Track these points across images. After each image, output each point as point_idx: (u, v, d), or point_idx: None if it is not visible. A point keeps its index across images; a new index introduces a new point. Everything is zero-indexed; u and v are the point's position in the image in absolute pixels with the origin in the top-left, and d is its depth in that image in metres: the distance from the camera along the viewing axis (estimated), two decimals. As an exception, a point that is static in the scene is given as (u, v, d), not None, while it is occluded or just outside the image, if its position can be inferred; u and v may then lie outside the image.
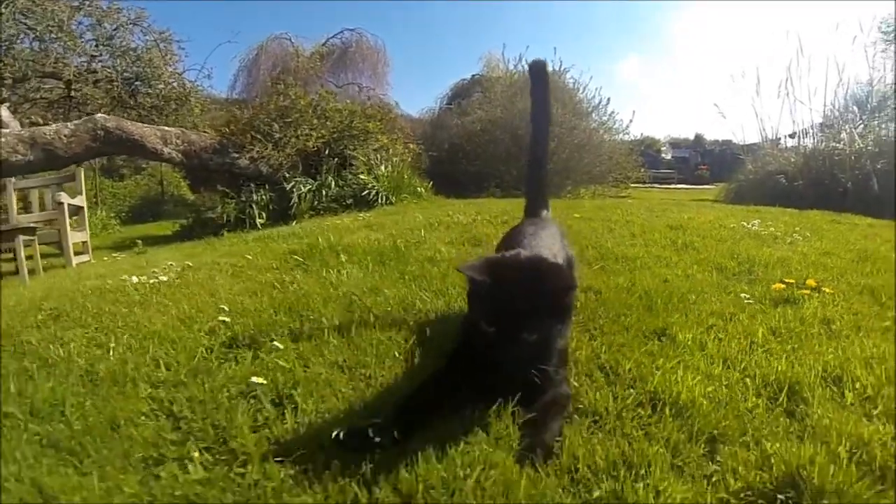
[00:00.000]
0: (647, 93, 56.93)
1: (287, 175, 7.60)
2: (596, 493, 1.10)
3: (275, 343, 1.89)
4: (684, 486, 1.11)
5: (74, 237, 6.21)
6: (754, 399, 1.47)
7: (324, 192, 7.34)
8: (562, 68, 12.64)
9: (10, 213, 6.49)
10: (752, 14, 59.27)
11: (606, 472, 1.16)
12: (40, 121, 10.63)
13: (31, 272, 5.46)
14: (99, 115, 8.18)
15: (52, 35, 10.33)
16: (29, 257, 6.00)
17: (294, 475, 1.19)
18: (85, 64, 11.22)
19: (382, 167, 7.87)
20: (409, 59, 28.91)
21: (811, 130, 10.78)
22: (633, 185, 13.42)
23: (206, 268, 3.40)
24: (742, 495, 1.10)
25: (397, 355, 1.82)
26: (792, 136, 11.37)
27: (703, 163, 32.11)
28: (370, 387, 1.62)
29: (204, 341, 1.99)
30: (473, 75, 16.99)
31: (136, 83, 11.31)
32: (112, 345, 2.00)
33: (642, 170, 14.37)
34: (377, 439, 1.26)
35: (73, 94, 11.30)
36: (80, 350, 2.00)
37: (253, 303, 2.44)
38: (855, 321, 2.16)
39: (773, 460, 1.19)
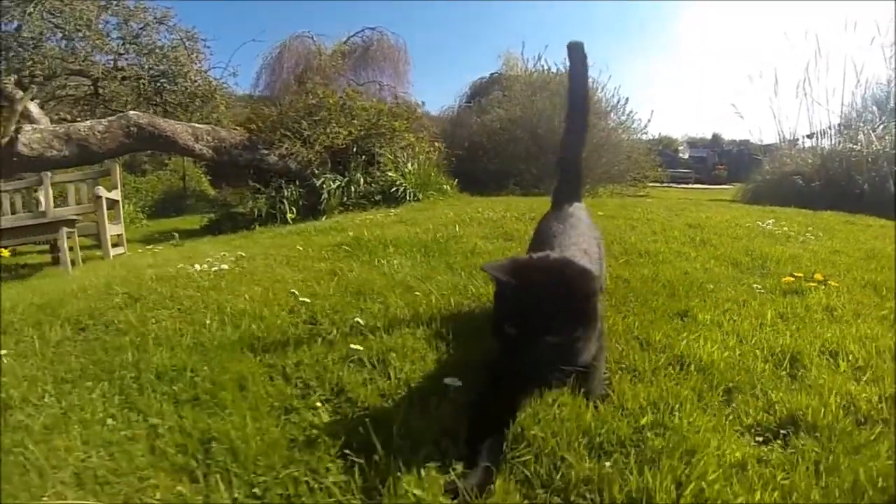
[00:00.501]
0: (665, 92, 56.87)
1: (316, 171, 7.94)
2: (642, 421, 1.43)
3: (357, 319, 2.22)
4: (708, 419, 1.44)
5: (111, 230, 6.47)
6: (762, 364, 1.80)
7: (352, 189, 7.70)
8: None
9: (46, 206, 6.77)
10: (770, 13, 59.09)
11: (649, 408, 1.50)
12: (68, 117, 11.07)
13: (72, 262, 5.79)
14: (132, 112, 8.61)
15: (81, 34, 10.66)
16: (70, 248, 6.41)
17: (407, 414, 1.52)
18: (111, 62, 11.54)
19: (409, 165, 8.23)
20: (427, 57, 29.27)
21: (829, 131, 10.92)
22: (650, 184, 13.58)
23: (260, 258, 3.71)
24: (752, 429, 1.44)
25: (465, 330, 2.13)
26: (810, 136, 11.44)
27: (720, 162, 32.04)
28: (448, 353, 1.95)
29: (287, 319, 2.33)
30: (492, 74, 17.22)
31: (162, 81, 11.60)
32: (207, 321, 2.34)
33: (660, 169, 14.52)
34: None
35: (99, 91, 11.69)
36: (175, 326, 2.33)
37: (321, 288, 2.75)
38: (855, 309, 2.47)
39: (776, 406, 1.52)
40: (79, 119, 10.68)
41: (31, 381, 1.82)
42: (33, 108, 9.16)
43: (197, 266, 3.39)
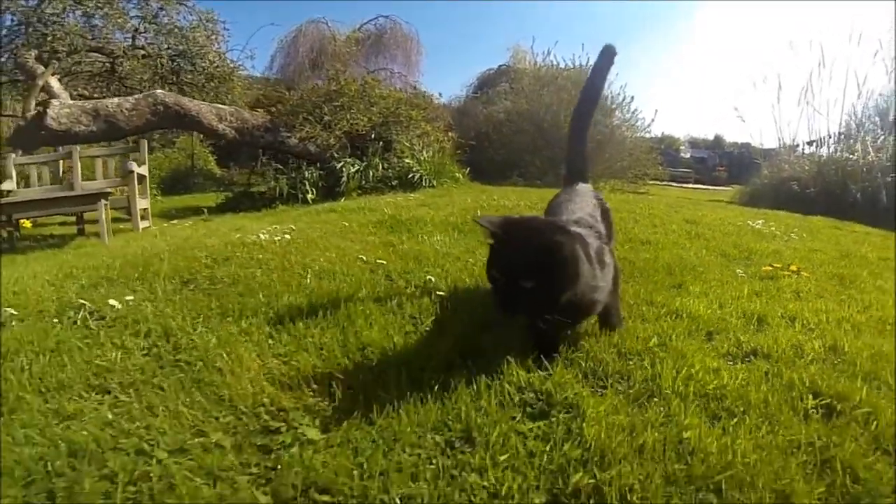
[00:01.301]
0: (669, 92, 57.66)
1: (336, 155, 8.48)
2: (650, 343, 2.05)
3: (429, 277, 2.82)
4: (695, 347, 2.05)
5: (139, 204, 6.90)
6: (736, 320, 2.42)
7: (370, 173, 8.24)
8: (588, 63, 13.04)
9: (75, 179, 7.19)
10: (776, 20, 59.96)
11: (654, 336, 2.12)
12: (86, 93, 11.54)
13: (96, 234, 6.24)
14: (159, 90, 9.09)
15: (102, 11, 11.16)
16: (94, 221, 6.92)
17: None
18: (129, 40, 12.02)
19: (424, 153, 8.84)
20: (436, 46, 29.60)
21: (828, 140, 11.52)
22: (651, 181, 14.15)
23: (311, 231, 4.23)
24: (725, 356, 2.04)
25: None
26: (811, 143, 12.01)
27: (721, 164, 32.65)
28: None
29: (370, 276, 2.92)
30: (500, 66, 17.85)
31: (179, 60, 12.15)
32: (302, 277, 2.89)
33: (660, 167, 15.10)
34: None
35: (116, 68, 12.15)
36: (277, 279, 2.86)
37: (383, 255, 3.33)
38: (818, 292, 3.08)
39: (743, 344, 2.13)
40: (96, 95, 11.20)
41: (175, 318, 2.33)
42: (54, 83, 9.54)
43: (261, 235, 3.91)
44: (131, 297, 2.53)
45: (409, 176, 8.20)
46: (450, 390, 1.67)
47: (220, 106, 9.43)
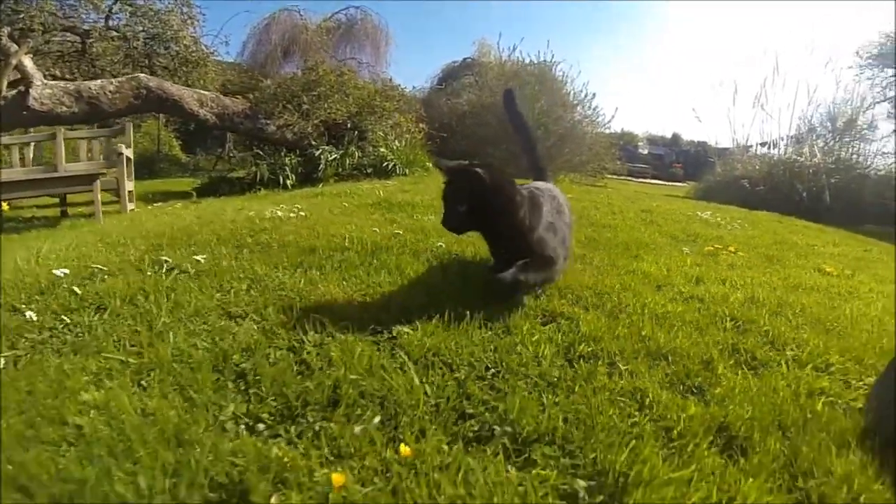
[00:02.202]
0: (629, 89, 59.15)
1: (313, 143, 9.01)
2: (615, 287, 2.73)
3: (439, 244, 3.46)
4: (648, 291, 2.74)
5: (126, 186, 7.19)
6: (679, 278, 3.12)
7: (347, 161, 8.79)
8: (552, 60, 13.94)
9: (58, 161, 7.35)
10: (734, 27, 62.51)
11: (617, 285, 2.80)
12: (57, 73, 11.49)
13: (90, 215, 6.62)
14: (142, 74, 9.39)
15: None
16: (84, 203, 7.35)
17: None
18: (102, 20, 12.17)
19: (397, 142, 9.42)
20: (401, 37, 29.95)
21: (780, 142, 12.52)
22: (609, 176, 14.72)
23: (318, 210, 4.73)
24: (671, 299, 2.73)
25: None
26: (764, 144, 12.97)
27: (677, 161, 33.86)
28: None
29: (392, 240, 3.50)
30: (465, 59, 18.33)
31: (152, 43, 12.39)
32: (347, 243, 3.39)
33: (619, 162, 15.67)
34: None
35: (87, 49, 12.27)
36: (322, 244, 3.35)
37: (394, 229, 3.91)
38: (749, 265, 3.82)
39: (684, 292, 2.84)
40: (68, 76, 11.30)
41: (256, 268, 2.83)
42: (28, 62, 9.42)
43: (277, 212, 4.44)
44: (203, 256, 3.00)
45: (384, 164, 8.75)
46: (486, 307, 2.32)
47: (202, 91, 9.80)
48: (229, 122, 9.50)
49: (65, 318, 2.11)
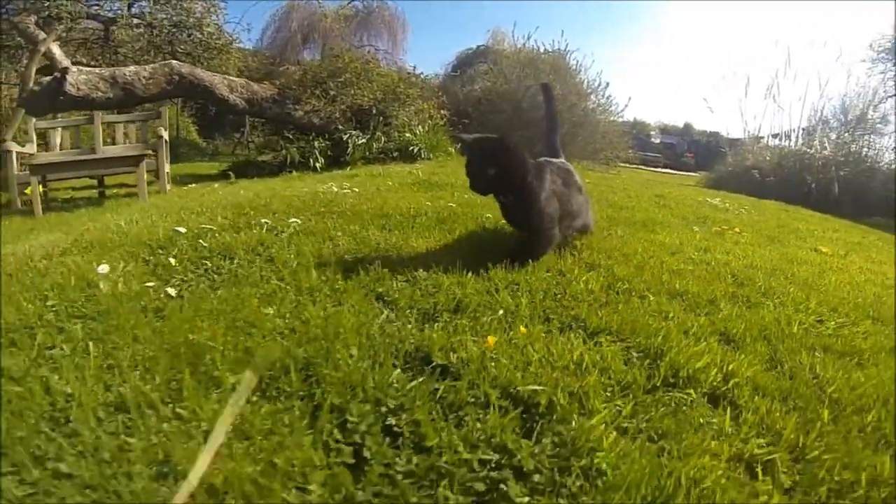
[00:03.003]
0: (643, 78, 59.63)
1: (340, 128, 9.58)
2: (638, 252, 3.29)
3: (487, 215, 3.93)
4: (663, 255, 3.32)
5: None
6: (690, 249, 3.70)
7: (373, 145, 9.33)
8: (566, 49, 14.29)
9: (97, 143, 8.00)
10: (746, 19, 63.10)
11: (639, 248, 3.37)
12: (83, 60, 11.91)
13: (130, 195, 7.22)
14: (174, 61, 9.96)
15: None
16: (116, 185, 7.87)
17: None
18: (124, 9, 12.74)
19: (420, 127, 9.99)
20: (417, 24, 30.49)
21: (792, 134, 13.03)
22: (621, 164, 15.07)
23: (367, 189, 5.18)
24: (683, 261, 3.30)
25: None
26: (776, 136, 13.52)
27: (689, 150, 34.38)
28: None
29: (443, 213, 3.99)
30: (479, 46, 18.95)
31: (174, 30, 12.96)
32: (412, 212, 3.90)
33: (631, 151, 15.90)
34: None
35: (109, 36, 12.86)
36: (396, 212, 3.90)
37: (442, 204, 4.40)
38: (751, 243, 4.40)
39: (693, 258, 3.41)
40: (93, 63, 11.75)
41: (350, 228, 3.38)
42: (56, 49, 9.93)
43: (333, 188, 4.97)
44: (297, 219, 3.48)
45: (410, 149, 9.30)
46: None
47: (232, 77, 10.37)
48: (258, 108, 10.06)
49: (206, 262, 2.68)
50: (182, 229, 3.14)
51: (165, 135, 8.10)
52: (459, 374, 1.68)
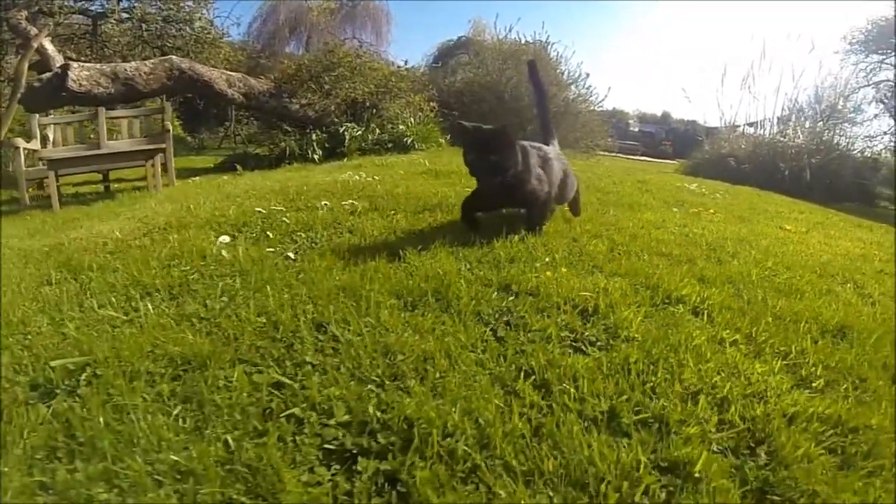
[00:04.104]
0: (622, 67, 60.85)
1: (336, 120, 10.19)
2: (629, 231, 4.01)
3: None
4: (652, 231, 4.04)
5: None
6: (672, 225, 4.42)
7: (368, 137, 9.94)
8: (547, 40, 14.91)
9: (101, 138, 8.34)
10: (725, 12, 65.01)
11: (630, 226, 4.09)
12: (72, 55, 12.12)
13: (138, 189, 7.61)
14: (174, 56, 10.37)
15: None
16: (115, 179, 8.39)
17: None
18: (112, 4, 13.08)
19: (412, 119, 10.63)
20: (398, 16, 31.24)
21: (767, 123, 13.83)
22: (601, 153, 15.66)
23: (383, 177, 5.79)
24: (667, 233, 4.03)
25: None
26: (751, 125, 14.31)
27: (667, 139, 35.38)
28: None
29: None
30: (460, 37, 19.60)
31: (163, 25, 13.39)
32: (447, 200, 4.63)
33: (610, 140, 16.49)
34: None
35: (97, 31, 13.20)
36: (439, 196, 4.59)
37: (459, 189, 5.01)
38: (725, 221, 5.14)
39: (675, 231, 4.13)
40: (83, 59, 11.97)
41: (400, 211, 4.02)
42: (48, 45, 10.36)
43: (355, 176, 5.62)
44: (352, 201, 4.19)
45: (403, 140, 9.91)
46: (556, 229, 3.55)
47: (230, 72, 10.85)
48: (255, 101, 10.61)
49: (297, 235, 3.37)
50: (260, 210, 3.81)
51: (171, 129, 8.54)
52: (538, 291, 2.49)
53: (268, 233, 3.38)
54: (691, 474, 1.47)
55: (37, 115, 8.41)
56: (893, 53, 18.43)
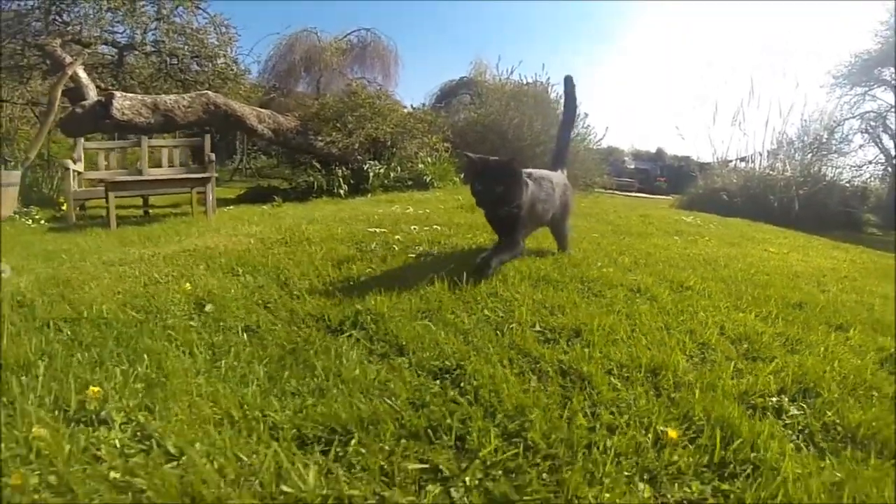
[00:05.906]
0: (616, 105, 62.93)
1: (359, 157, 11.27)
2: (644, 253, 5.21)
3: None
4: (661, 252, 5.23)
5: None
6: (675, 248, 5.61)
7: (391, 174, 11.01)
8: (547, 81, 15.83)
9: (143, 166, 9.40)
10: (714, 49, 67.76)
11: (643, 249, 5.29)
12: (101, 84, 12.89)
13: (179, 215, 8.34)
14: (209, 91, 11.37)
15: (125, 7, 13.15)
16: (160, 205, 9.29)
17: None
18: (139, 36, 14.02)
19: (429, 158, 11.77)
20: (403, 56, 32.83)
21: (757, 157, 14.82)
22: (598, 190, 16.69)
23: (426, 210, 7.01)
24: (670, 254, 5.21)
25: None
26: (743, 160, 15.30)
27: (661, 175, 36.74)
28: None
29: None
30: (462, 77, 20.94)
31: (187, 60, 14.45)
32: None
33: (606, 177, 17.67)
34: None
35: (123, 62, 14.22)
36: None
37: None
38: (718, 245, 6.33)
39: (678, 253, 5.32)
40: (110, 87, 12.81)
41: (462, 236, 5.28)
42: (81, 73, 11.05)
43: (410, 209, 6.79)
44: (437, 226, 5.45)
45: (423, 177, 10.99)
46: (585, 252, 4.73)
47: (260, 109, 11.91)
48: (283, 138, 11.68)
49: (414, 248, 4.52)
50: (378, 230, 5.02)
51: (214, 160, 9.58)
52: (603, 278, 3.77)
53: (394, 246, 4.53)
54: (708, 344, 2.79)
55: (82, 140, 9.29)
56: (876, 85, 19.88)
